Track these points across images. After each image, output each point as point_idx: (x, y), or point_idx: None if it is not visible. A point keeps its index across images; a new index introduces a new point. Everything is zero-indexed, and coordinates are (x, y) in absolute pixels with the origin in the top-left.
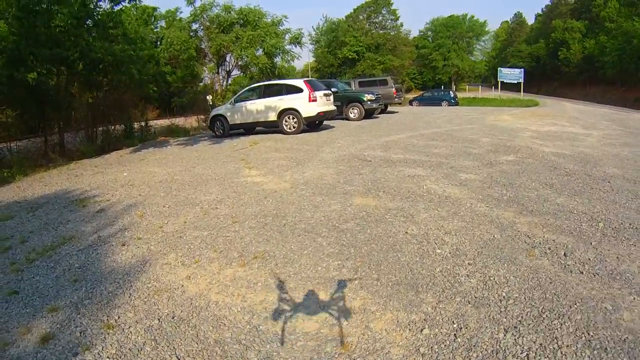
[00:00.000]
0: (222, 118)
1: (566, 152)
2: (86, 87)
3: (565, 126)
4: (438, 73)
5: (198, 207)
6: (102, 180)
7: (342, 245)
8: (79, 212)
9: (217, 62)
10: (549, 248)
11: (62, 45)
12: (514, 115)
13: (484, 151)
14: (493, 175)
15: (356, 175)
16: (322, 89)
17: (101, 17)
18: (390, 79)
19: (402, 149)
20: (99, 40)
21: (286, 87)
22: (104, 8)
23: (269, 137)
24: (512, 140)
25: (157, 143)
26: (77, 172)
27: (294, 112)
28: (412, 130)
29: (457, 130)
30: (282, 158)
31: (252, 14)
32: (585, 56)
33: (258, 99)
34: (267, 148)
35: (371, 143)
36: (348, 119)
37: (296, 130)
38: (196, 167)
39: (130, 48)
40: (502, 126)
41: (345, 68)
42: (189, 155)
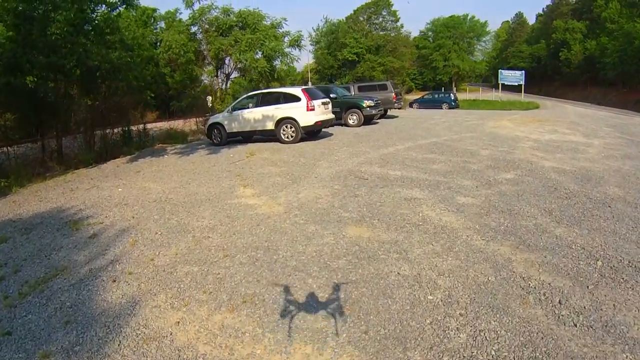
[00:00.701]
0: (219, 126)
1: (567, 168)
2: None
3: (566, 134)
4: (438, 73)
5: (190, 235)
6: (96, 196)
7: (332, 288)
8: (72, 237)
9: (216, 65)
10: (544, 294)
11: (58, 52)
12: (514, 120)
13: (483, 167)
14: (491, 199)
15: (352, 197)
16: (320, 97)
17: (98, 23)
18: (390, 83)
19: (399, 164)
20: (96, 46)
21: (284, 95)
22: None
23: (267, 147)
24: (512, 152)
25: (155, 151)
26: (73, 185)
27: (292, 122)
28: (410, 140)
29: (457, 140)
30: (278, 174)
31: (251, 17)
32: (586, 57)
33: (255, 107)
34: (264, 161)
35: (369, 156)
36: (347, 125)
37: (294, 140)
38: (191, 184)
39: (127, 55)
40: (502, 134)
41: (345, 70)
42: (184, 168)
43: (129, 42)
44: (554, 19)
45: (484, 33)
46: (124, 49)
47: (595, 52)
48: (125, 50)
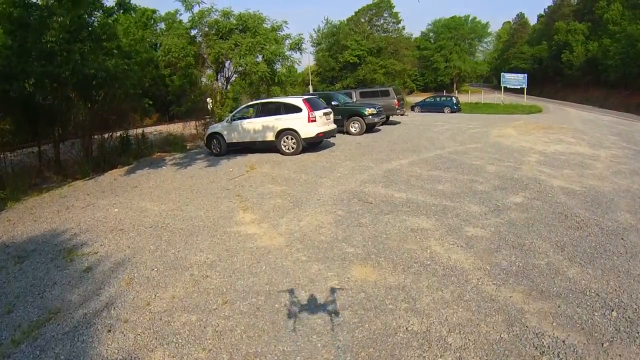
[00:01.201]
0: (218, 136)
1: (575, 188)
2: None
3: (572, 144)
4: (440, 75)
5: (188, 274)
6: (92, 218)
7: (337, 348)
8: (66, 270)
9: (215, 69)
10: (558, 355)
11: (54, 60)
12: (518, 128)
13: (490, 187)
14: (501, 230)
15: (356, 227)
16: (322, 107)
17: (94, 29)
18: (392, 89)
19: (404, 183)
20: (92, 53)
21: (284, 105)
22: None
23: (267, 158)
24: (519, 168)
25: (153, 162)
26: (69, 202)
27: (293, 133)
28: (414, 153)
29: (462, 153)
30: (279, 194)
31: (251, 20)
32: (588, 59)
33: (255, 117)
34: (264, 177)
35: (372, 173)
36: (349, 133)
37: (295, 152)
38: (189, 205)
39: (124, 62)
40: (507, 145)
41: (346, 72)
42: (182, 184)
43: (126, 48)
44: (555, 20)
45: (486, 34)
46: (122, 56)
47: (598, 54)
48: (122, 57)
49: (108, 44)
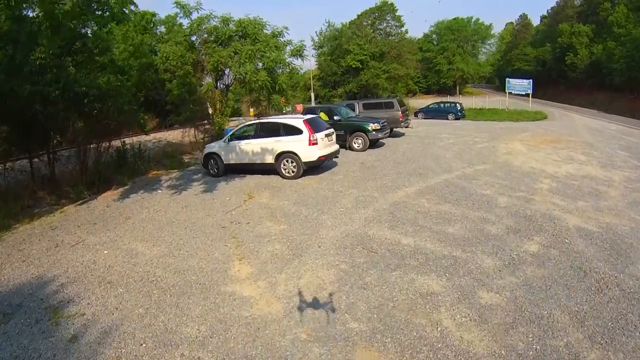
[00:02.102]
0: (215, 156)
1: (592, 229)
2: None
3: (582, 163)
4: (442, 77)
5: (178, 353)
6: (80, 262)
7: None
8: (51, 339)
9: (215, 77)
10: None
11: (44, 78)
12: (525, 141)
13: (503, 230)
14: (517, 296)
15: (360, 290)
16: (324, 128)
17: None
18: (396, 101)
19: (411, 223)
20: (84, 69)
21: (284, 126)
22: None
23: (267, 183)
24: (531, 199)
25: (148, 182)
26: (59, 236)
27: (293, 156)
28: (420, 178)
29: (470, 178)
30: (277, 237)
31: (251, 26)
32: (592, 61)
33: (253, 138)
34: (262, 210)
35: (377, 206)
36: (351, 149)
37: (295, 175)
38: (181, 249)
39: (117, 79)
40: (517, 167)
41: (348, 77)
42: (176, 217)
43: (120, 62)
44: (559, 22)
45: (489, 36)
46: (115, 71)
47: (602, 57)
48: (115, 72)
49: (101, 58)
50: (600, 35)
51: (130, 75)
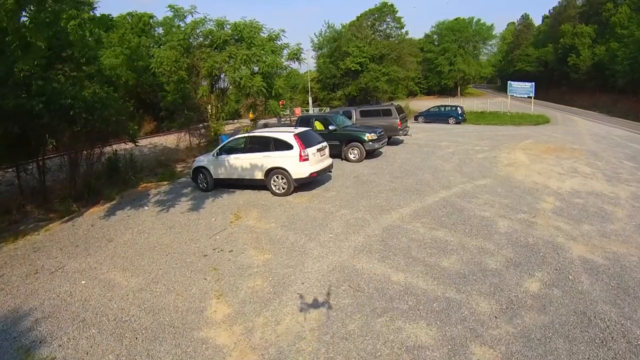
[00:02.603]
0: (205, 170)
1: (598, 260)
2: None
3: (587, 177)
4: (444, 78)
5: None
6: (57, 294)
7: None
8: None
9: (210, 82)
10: None
11: (28, 92)
12: (528, 151)
13: (502, 263)
14: (513, 354)
15: (342, 341)
16: (316, 142)
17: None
18: (394, 108)
19: (403, 254)
20: (70, 80)
21: (274, 141)
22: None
23: (256, 200)
24: (533, 223)
25: (137, 196)
26: (40, 261)
27: (283, 172)
28: (417, 195)
29: (469, 196)
30: (260, 269)
31: (247, 30)
32: (594, 63)
33: (243, 153)
34: (248, 234)
35: (368, 232)
36: (347, 160)
37: (286, 192)
38: (159, 282)
39: (103, 90)
40: (519, 181)
41: (348, 79)
42: (158, 242)
43: (107, 72)
44: (561, 22)
45: (490, 36)
46: (102, 81)
47: (605, 58)
48: (102, 82)
49: (87, 68)
50: (603, 36)
51: (118, 85)
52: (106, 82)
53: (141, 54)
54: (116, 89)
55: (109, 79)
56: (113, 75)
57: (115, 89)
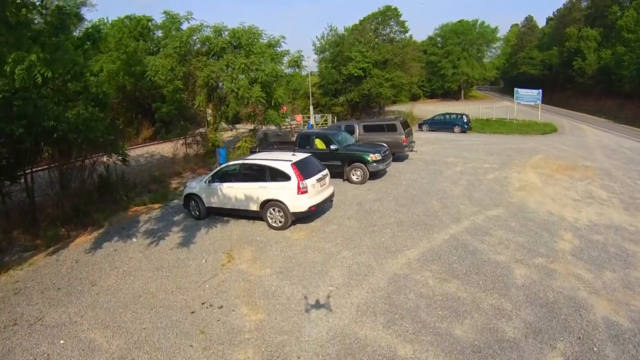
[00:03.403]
0: (197, 198)
1: (624, 324)
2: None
3: (604, 204)
4: (447, 81)
5: None
6: (34, 354)
7: None
8: None
9: (207, 92)
10: None
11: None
12: (539, 170)
13: (520, 332)
14: None
15: None
16: (316, 171)
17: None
18: (399, 123)
19: (411, 318)
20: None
21: (270, 170)
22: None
23: (251, 236)
24: (553, 270)
25: (126, 224)
26: (19, 306)
27: (280, 205)
28: (425, 232)
29: (481, 233)
30: (252, 334)
31: (245, 36)
32: (600, 67)
33: (236, 181)
34: (240, 282)
35: (373, 282)
36: (350, 181)
37: (283, 226)
38: (142, 347)
39: (88, 111)
40: (533, 211)
41: (350, 85)
42: (144, 288)
43: (93, 89)
44: (566, 25)
45: (495, 39)
46: (88, 100)
47: (611, 63)
48: (89, 101)
49: (73, 85)
50: (609, 39)
51: (106, 103)
52: (92, 100)
53: (139, 59)
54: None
55: (95, 96)
56: (100, 93)
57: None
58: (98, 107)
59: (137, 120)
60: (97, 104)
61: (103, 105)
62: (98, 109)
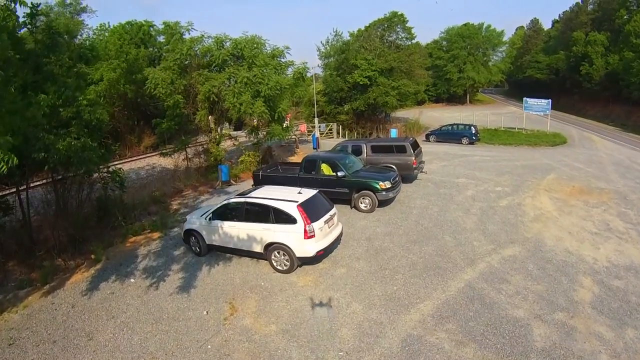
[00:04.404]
0: (197, 234)
1: None
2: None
3: (622, 238)
4: (452, 85)
5: None
6: None
7: None
8: None
9: (208, 106)
10: None
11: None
12: (553, 194)
13: None
14: None
15: None
16: (324, 211)
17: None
18: (409, 144)
19: None
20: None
21: (274, 211)
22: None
23: (255, 280)
24: (573, 328)
25: (124, 257)
26: None
27: (285, 249)
28: (439, 278)
29: (498, 279)
30: None
31: (248, 47)
32: (608, 72)
33: (239, 221)
34: (245, 342)
35: (384, 346)
36: (357, 209)
37: (288, 270)
38: None
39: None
40: (550, 249)
41: (356, 93)
42: (142, 347)
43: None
44: (572, 28)
45: (501, 43)
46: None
47: (619, 68)
48: (81, 128)
49: (65, 112)
50: (616, 44)
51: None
52: (86, 127)
53: (140, 66)
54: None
55: (88, 122)
56: (93, 119)
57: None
58: (91, 135)
59: (138, 128)
60: (91, 131)
61: (97, 131)
62: (90, 138)
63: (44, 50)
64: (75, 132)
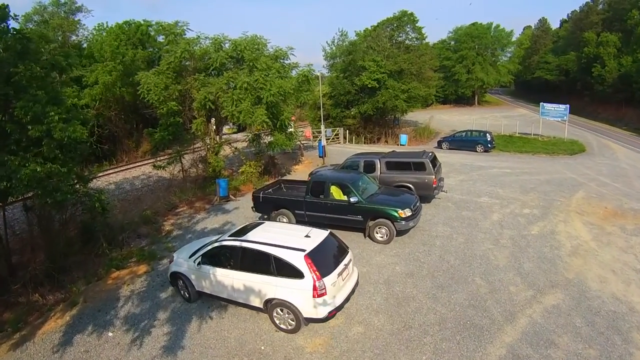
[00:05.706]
0: (184, 278)
1: None
2: None
3: None
4: (461, 87)
5: None
6: None
7: None
8: None
9: (204, 114)
10: None
11: None
12: (586, 218)
13: None
14: None
15: None
16: (338, 260)
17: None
18: (429, 161)
19: None
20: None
21: (276, 261)
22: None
23: (253, 343)
24: None
25: (103, 300)
26: None
27: (289, 307)
28: (477, 344)
29: (544, 341)
30: None
31: (248, 49)
32: (621, 74)
33: (233, 269)
34: None
35: None
36: (372, 239)
37: (293, 330)
38: None
39: (49, 167)
40: (596, 297)
41: (363, 96)
42: None
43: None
44: (582, 29)
45: (510, 43)
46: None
47: (632, 70)
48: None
49: (33, 130)
50: (628, 45)
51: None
52: (59, 147)
53: (138, 68)
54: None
55: (60, 142)
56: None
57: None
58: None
59: (137, 132)
60: (65, 151)
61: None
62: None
63: (14, 59)
64: (47, 152)
